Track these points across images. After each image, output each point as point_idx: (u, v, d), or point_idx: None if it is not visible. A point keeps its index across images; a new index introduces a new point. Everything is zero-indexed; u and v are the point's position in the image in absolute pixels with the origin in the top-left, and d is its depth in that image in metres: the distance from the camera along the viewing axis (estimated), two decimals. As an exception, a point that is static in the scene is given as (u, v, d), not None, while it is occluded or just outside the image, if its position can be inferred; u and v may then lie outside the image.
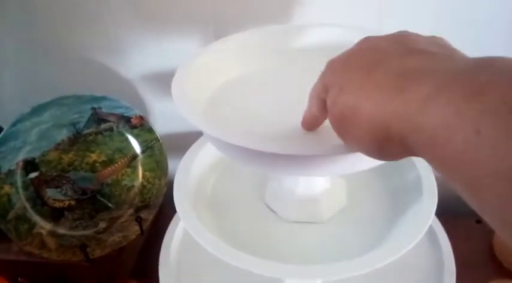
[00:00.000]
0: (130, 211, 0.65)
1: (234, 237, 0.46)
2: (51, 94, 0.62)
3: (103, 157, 0.65)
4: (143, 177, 0.66)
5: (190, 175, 0.48)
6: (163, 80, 0.63)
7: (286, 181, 0.48)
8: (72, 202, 0.64)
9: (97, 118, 0.64)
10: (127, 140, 0.65)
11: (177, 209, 0.45)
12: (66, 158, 0.64)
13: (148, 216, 0.65)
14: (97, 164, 0.65)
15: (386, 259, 0.38)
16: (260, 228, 0.49)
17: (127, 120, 0.65)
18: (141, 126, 0.65)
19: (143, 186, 0.66)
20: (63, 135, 0.64)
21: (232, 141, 0.34)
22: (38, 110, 0.62)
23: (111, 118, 0.65)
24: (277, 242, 0.47)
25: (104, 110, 0.64)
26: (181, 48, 0.64)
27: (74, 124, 0.64)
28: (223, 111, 0.43)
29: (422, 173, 0.46)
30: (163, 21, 0.63)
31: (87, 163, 0.64)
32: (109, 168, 0.65)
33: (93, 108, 0.64)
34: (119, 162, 0.65)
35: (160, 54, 0.65)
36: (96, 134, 0.65)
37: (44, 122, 0.63)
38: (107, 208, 0.65)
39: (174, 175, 0.50)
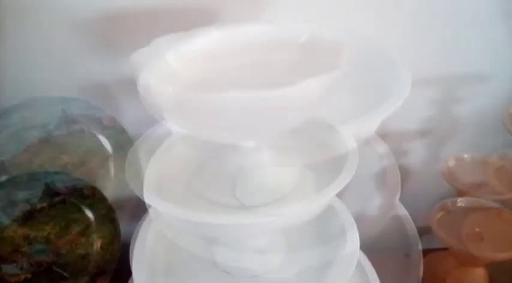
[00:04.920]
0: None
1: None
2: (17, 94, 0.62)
3: (75, 159, 0.65)
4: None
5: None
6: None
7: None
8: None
9: (67, 120, 0.65)
10: (98, 141, 0.67)
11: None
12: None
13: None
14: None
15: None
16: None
17: (98, 121, 0.66)
18: (113, 127, 0.67)
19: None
20: (33, 137, 0.64)
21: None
22: (6, 112, 0.62)
23: (82, 119, 0.66)
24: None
25: (74, 112, 0.65)
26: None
27: (44, 126, 0.64)
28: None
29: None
30: (136, 24, 0.64)
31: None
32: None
33: (64, 110, 0.64)
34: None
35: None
36: (67, 135, 0.65)
37: (13, 124, 0.63)
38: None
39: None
